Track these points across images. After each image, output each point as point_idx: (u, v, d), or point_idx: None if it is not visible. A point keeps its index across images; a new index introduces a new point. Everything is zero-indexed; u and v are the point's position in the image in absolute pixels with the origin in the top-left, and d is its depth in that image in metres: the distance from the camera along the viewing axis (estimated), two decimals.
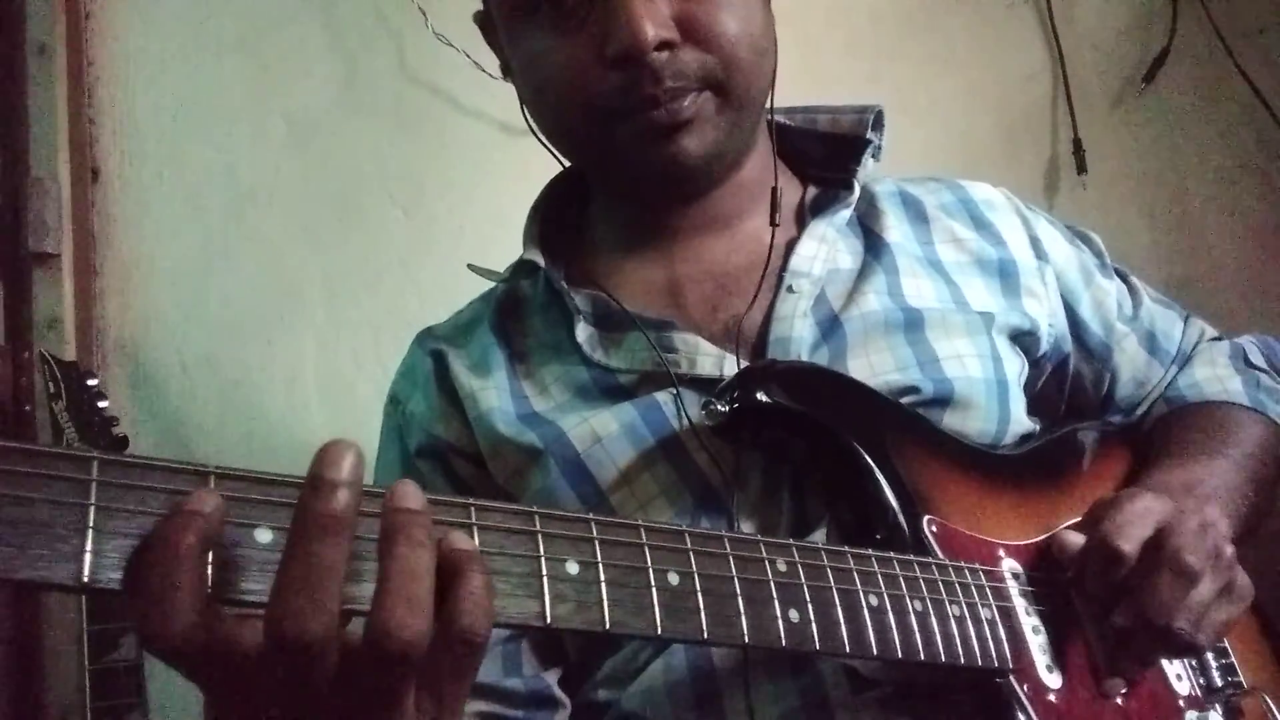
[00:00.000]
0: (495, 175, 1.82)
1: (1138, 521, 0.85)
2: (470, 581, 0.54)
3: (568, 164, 1.11)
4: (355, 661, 0.53)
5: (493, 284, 1.11)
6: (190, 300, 1.79)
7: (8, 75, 1.75)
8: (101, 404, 1.54)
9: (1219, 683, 0.94)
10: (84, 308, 1.75)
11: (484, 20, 1.05)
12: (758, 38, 0.94)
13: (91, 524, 0.49)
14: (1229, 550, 0.86)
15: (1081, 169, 1.83)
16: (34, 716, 1.62)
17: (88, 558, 0.49)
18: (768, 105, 1.02)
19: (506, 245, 1.11)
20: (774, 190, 1.01)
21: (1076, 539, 0.87)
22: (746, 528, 0.89)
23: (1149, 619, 0.82)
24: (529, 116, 1.02)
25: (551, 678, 0.97)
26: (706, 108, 0.92)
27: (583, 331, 1.00)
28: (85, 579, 0.49)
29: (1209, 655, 0.95)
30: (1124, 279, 1.17)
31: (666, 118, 0.91)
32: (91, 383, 1.55)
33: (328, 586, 0.51)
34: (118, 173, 1.81)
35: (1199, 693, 0.92)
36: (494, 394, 1.00)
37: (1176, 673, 0.92)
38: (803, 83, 1.08)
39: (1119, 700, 0.86)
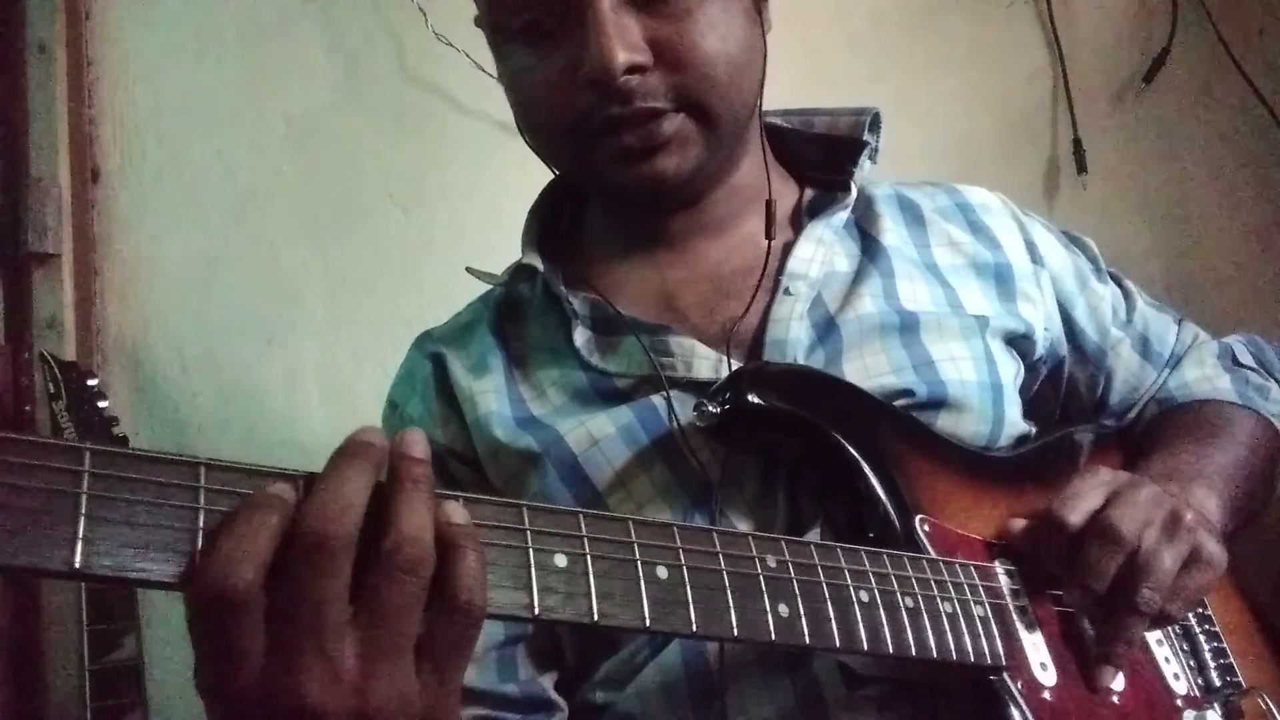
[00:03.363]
0: (495, 175, 1.82)
1: (1088, 494, 0.85)
2: (467, 558, 0.58)
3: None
4: (368, 579, 0.56)
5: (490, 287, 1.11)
6: (190, 300, 1.80)
7: (8, 75, 1.75)
8: (101, 404, 1.55)
9: (1217, 682, 0.94)
10: (84, 308, 1.76)
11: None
12: (736, 55, 0.92)
13: (84, 512, 0.51)
14: (1189, 516, 0.85)
15: (1081, 169, 1.83)
16: (34, 716, 1.62)
17: (80, 545, 0.50)
18: (763, 111, 1.02)
19: (506, 245, 1.11)
20: (768, 204, 1.00)
21: (1018, 524, 0.88)
22: (742, 528, 0.89)
23: (1088, 587, 0.82)
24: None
25: (548, 682, 0.97)
26: (685, 128, 0.91)
27: (580, 335, 1.00)
28: (77, 566, 0.50)
29: (1207, 655, 0.95)
30: (1119, 283, 1.17)
31: (638, 141, 0.90)
32: (91, 383, 1.56)
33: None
34: (118, 173, 1.81)
35: (1197, 692, 0.92)
36: (492, 397, 1.00)
37: (1174, 672, 0.92)
38: (803, 83, 1.08)
39: (1115, 699, 0.86)
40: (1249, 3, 1.84)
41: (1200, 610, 0.98)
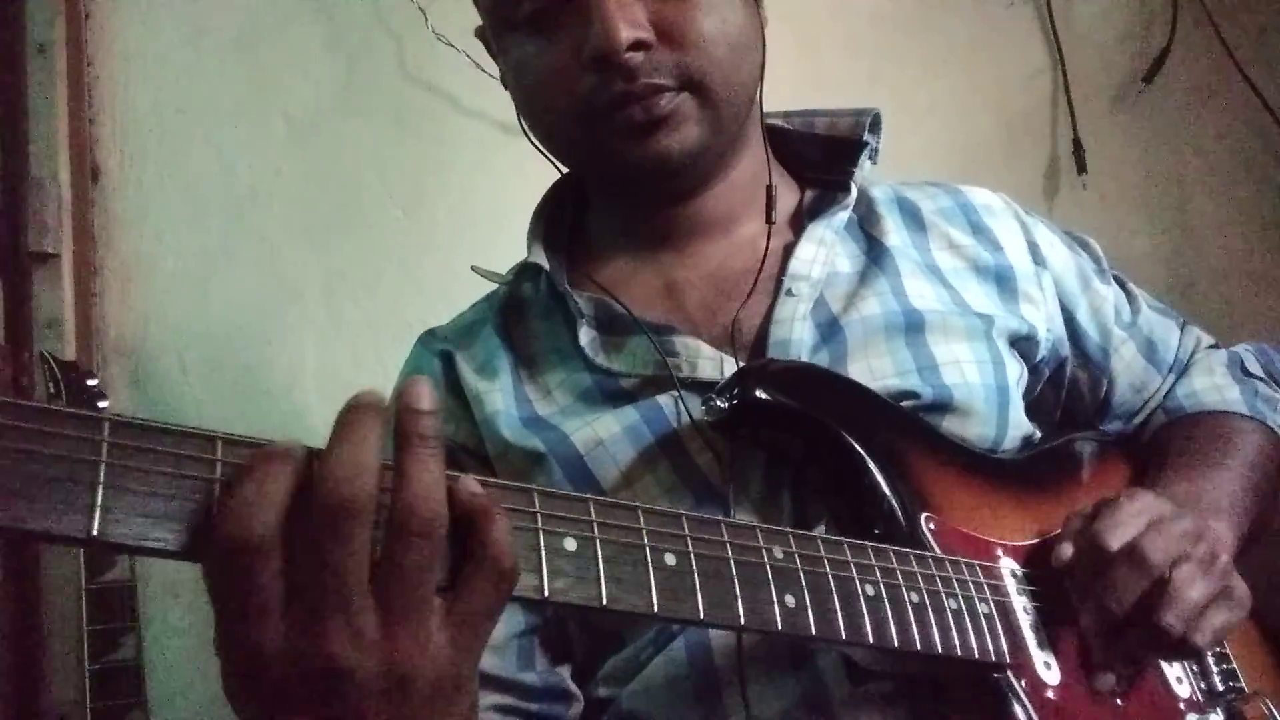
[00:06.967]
0: (495, 175, 1.82)
1: (1130, 522, 0.85)
2: (497, 520, 0.58)
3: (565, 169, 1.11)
4: (382, 551, 0.56)
5: (494, 286, 1.11)
6: (190, 300, 1.80)
7: (8, 75, 1.75)
8: (101, 404, 1.55)
9: (1220, 687, 0.94)
10: (84, 308, 1.75)
11: (484, 34, 1.05)
12: (735, 36, 0.94)
13: (102, 480, 0.51)
14: (1224, 557, 0.86)
15: (1081, 169, 1.83)
16: (34, 716, 1.62)
17: (98, 513, 0.51)
18: (760, 105, 1.02)
19: (506, 245, 1.11)
20: (769, 188, 1.01)
21: (1068, 549, 0.87)
22: None
23: (1105, 608, 0.82)
24: (524, 125, 1.03)
25: (564, 672, 0.97)
26: (686, 106, 0.92)
27: (585, 335, 1.00)
28: (94, 533, 0.51)
29: (1210, 659, 0.95)
30: (1122, 285, 1.17)
31: (643, 115, 0.91)
32: (91, 383, 1.56)
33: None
34: (118, 173, 1.81)
35: (1200, 696, 0.92)
36: (499, 397, 1.00)
37: (1177, 675, 0.92)
38: (803, 83, 1.08)
39: (1118, 701, 0.86)
40: (1249, 2, 1.84)
41: None
